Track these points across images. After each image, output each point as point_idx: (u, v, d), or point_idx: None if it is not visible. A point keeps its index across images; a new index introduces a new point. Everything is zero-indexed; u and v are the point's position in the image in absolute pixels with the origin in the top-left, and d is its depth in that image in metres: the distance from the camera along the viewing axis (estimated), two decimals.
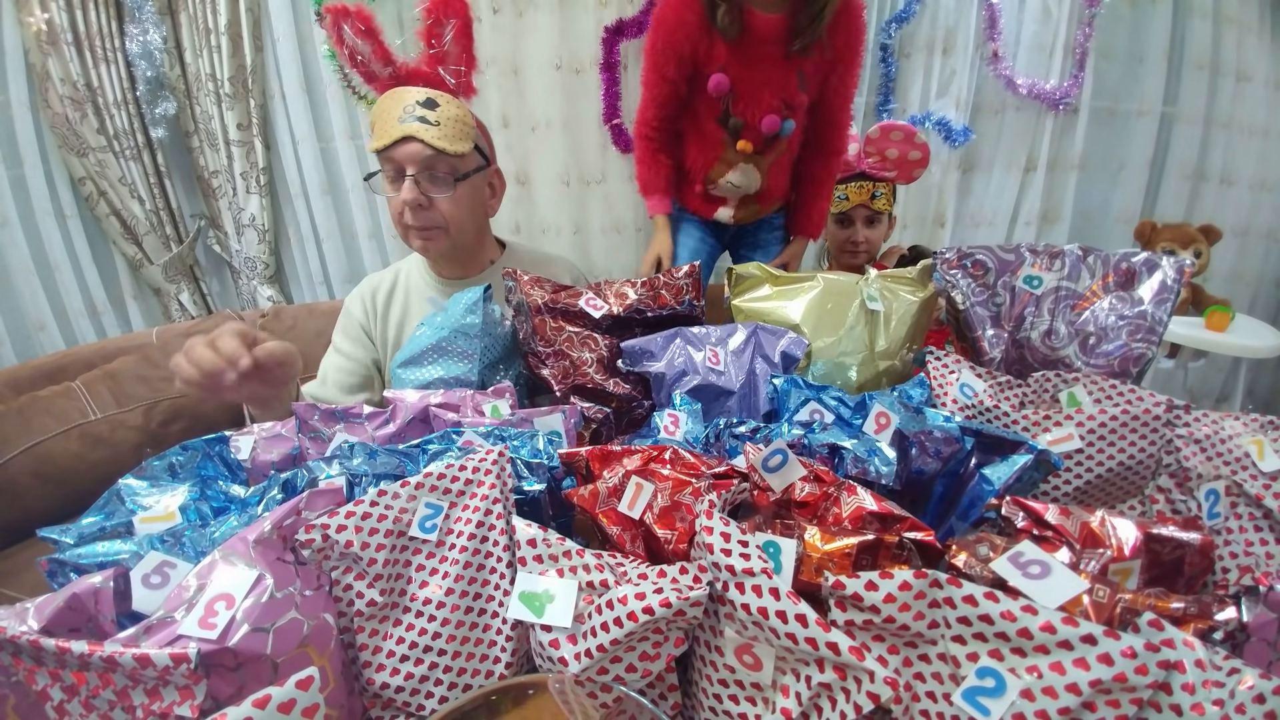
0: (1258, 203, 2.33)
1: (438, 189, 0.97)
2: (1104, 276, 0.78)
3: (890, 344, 0.80)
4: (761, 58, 1.29)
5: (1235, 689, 0.32)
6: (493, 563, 0.50)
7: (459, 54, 0.97)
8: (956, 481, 0.61)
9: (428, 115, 0.92)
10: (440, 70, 0.96)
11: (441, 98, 0.94)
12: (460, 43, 0.95)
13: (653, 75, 1.37)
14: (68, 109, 2.02)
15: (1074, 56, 2.17)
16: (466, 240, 1.04)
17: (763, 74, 1.30)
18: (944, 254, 0.82)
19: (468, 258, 1.10)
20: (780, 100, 1.32)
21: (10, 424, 1.26)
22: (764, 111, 1.32)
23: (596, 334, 0.84)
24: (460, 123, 0.95)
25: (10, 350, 2.08)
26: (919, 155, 1.47)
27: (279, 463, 0.67)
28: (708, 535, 0.41)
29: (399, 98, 0.93)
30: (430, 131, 0.92)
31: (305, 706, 0.31)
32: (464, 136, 0.95)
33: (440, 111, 0.93)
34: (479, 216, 1.06)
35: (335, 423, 0.68)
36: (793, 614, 0.36)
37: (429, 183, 0.96)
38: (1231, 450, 0.57)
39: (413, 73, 0.96)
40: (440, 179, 0.96)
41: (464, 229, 1.01)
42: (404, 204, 0.96)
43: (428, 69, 0.97)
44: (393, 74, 0.96)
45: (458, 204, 0.99)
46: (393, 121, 0.92)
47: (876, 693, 0.35)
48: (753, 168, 1.39)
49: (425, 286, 1.11)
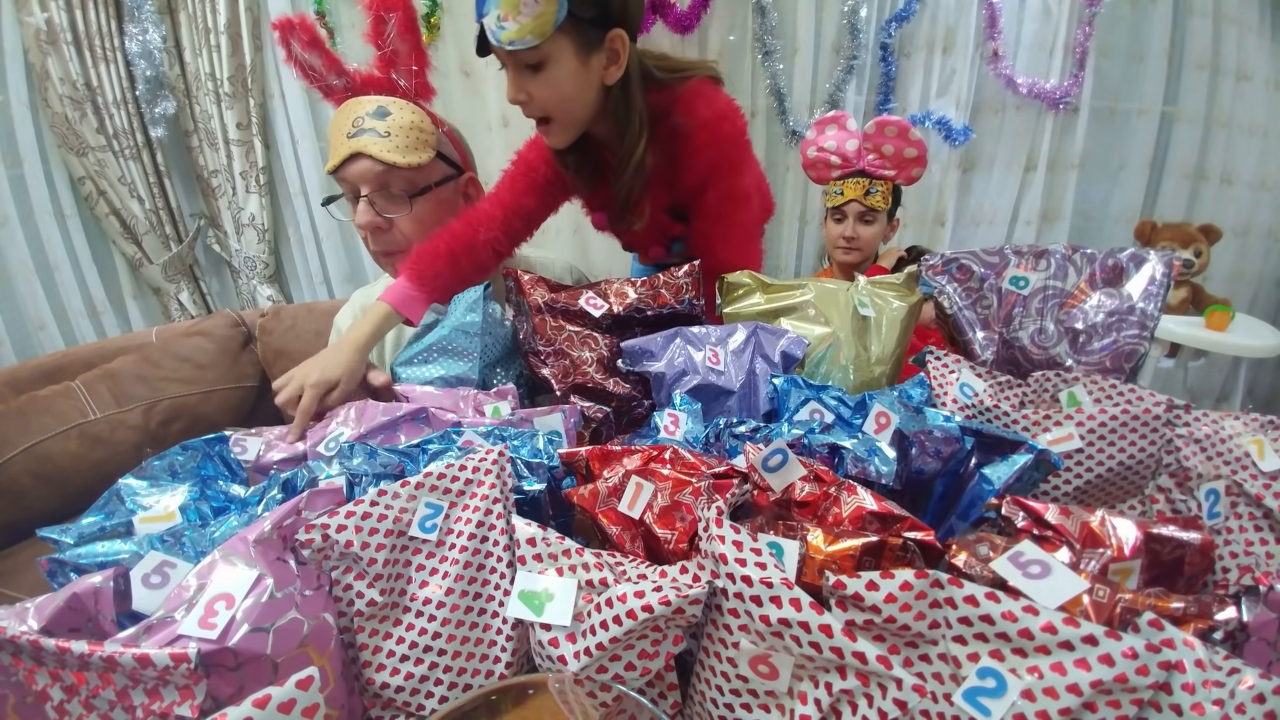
0: (1258, 202, 2.33)
1: (394, 208, 0.90)
2: (1091, 274, 0.79)
3: (883, 350, 0.80)
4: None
5: (1235, 689, 0.32)
6: (493, 563, 0.50)
7: (408, 52, 0.89)
8: (956, 481, 0.61)
9: (377, 126, 0.86)
10: (392, 73, 0.90)
11: (394, 104, 0.88)
12: (406, 39, 0.88)
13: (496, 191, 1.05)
14: (67, 108, 2.02)
15: (1074, 56, 2.17)
16: None
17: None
18: (928, 260, 0.83)
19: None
20: (659, 237, 1.16)
21: (10, 424, 1.26)
22: (647, 246, 1.21)
23: (596, 333, 0.84)
24: (415, 130, 0.88)
25: (10, 350, 2.08)
26: (915, 153, 1.46)
27: (280, 464, 0.67)
28: (720, 544, 0.40)
29: (350, 110, 0.87)
30: (380, 145, 0.85)
31: (305, 706, 0.31)
32: (420, 145, 0.88)
33: (391, 120, 0.87)
34: None
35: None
36: (816, 625, 0.36)
37: (385, 201, 0.89)
38: (1231, 450, 0.57)
39: (367, 80, 0.90)
40: (396, 196, 0.89)
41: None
42: (361, 228, 0.90)
43: (380, 73, 0.90)
44: (347, 84, 0.90)
45: (419, 222, 0.91)
46: (342, 138, 0.86)
47: (904, 700, 0.35)
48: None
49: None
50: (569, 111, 0.94)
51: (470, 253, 0.94)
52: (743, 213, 1.08)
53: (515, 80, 0.90)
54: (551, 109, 0.93)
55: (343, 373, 0.80)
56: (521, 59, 0.87)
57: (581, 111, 0.95)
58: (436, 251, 0.91)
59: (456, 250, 0.93)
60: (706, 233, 1.07)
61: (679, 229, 1.14)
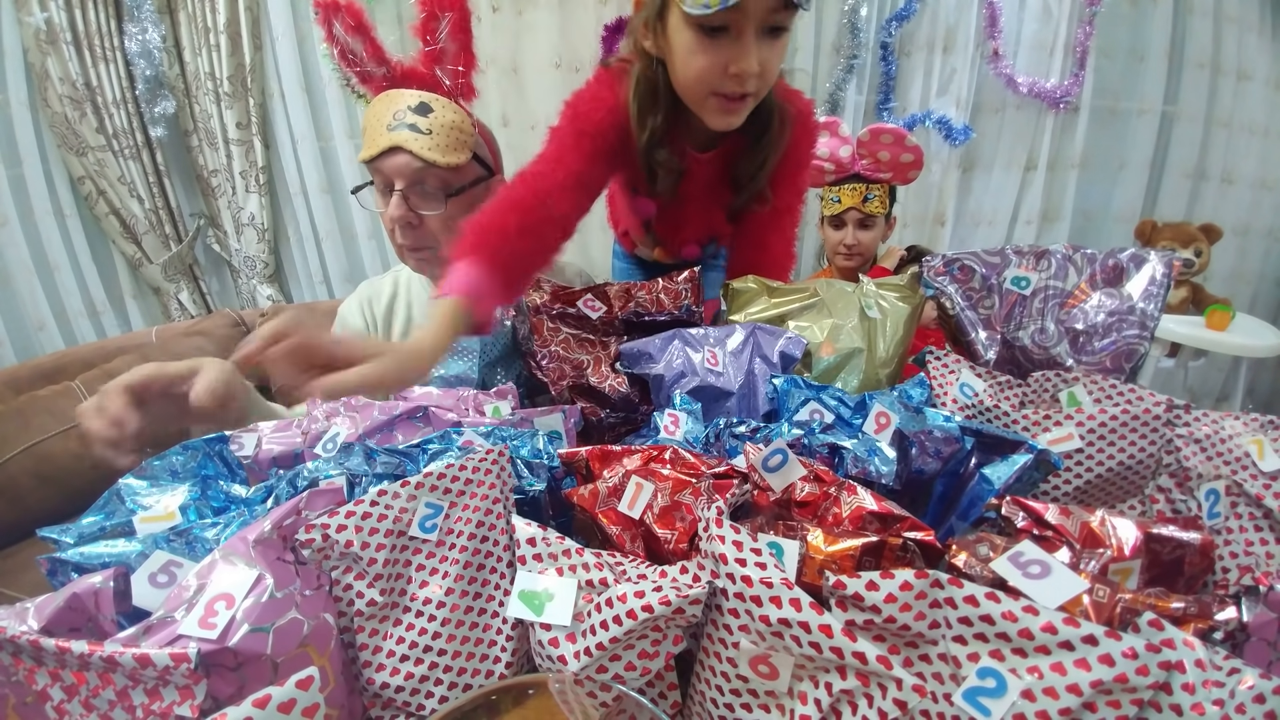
0: (1258, 202, 2.33)
1: (428, 205, 0.89)
2: (1091, 274, 0.79)
3: (889, 351, 0.80)
4: (692, 196, 1.03)
5: (1235, 689, 0.32)
6: (493, 562, 0.50)
7: (457, 52, 0.88)
8: (956, 481, 0.61)
9: (419, 122, 0.86)
10: (437, 70, 0.88)
11: (437, 102, 0.88)
12: (457, 39, 0.87)
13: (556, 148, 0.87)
14: (67, 108, 2.02)
15: (1074, 55, 2.17)
16: None
17: (688, 211, 1.07)
18: (929, 261, 0.83)
19: None
20: (704, 233, 1.13)
21: (10, 424, 1.26)
22: (683, 242, 1.14)
23: (594, 336, 0.84)
24: (456, 130, 0.88)
25: (10, 350, 2.08)
26: (911, 158, 1.46)
27: (280, 458, 0.66)
28: (720, 544, 0.40)
29: (390, 102, 0.87)
30: (420, 141, 0.85)
31: (305, 706, 0.31)
32: (459, 146, 0.88)
33: (433, 118, 0.87)
34: None
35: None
36: (816, 625, 0.36)
37: (419, 198, 0.89)
38: (1231, 450, 0.57)
39: (408, 72, 0.89)
40: (431, 194, 0.89)
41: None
42: (392, 221, 0.90)
43: (424, 69, 0.89)
44: (387, 74, 0.89)
45: (451, 221, 0.89)
46: (381, 129, 0.86)
47: (904, 700, 0.35)
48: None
49: (427, 299, 1.04)
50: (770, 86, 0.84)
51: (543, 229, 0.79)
52: (798, 210, 1.05)
53: (752, 49, 0.76)
54: (767, 84, 0.83)
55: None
56: (780, 20, 0.75)
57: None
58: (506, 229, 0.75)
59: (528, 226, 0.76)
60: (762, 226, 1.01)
61: (728, 230, 1.08)
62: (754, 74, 0.79)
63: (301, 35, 2.25)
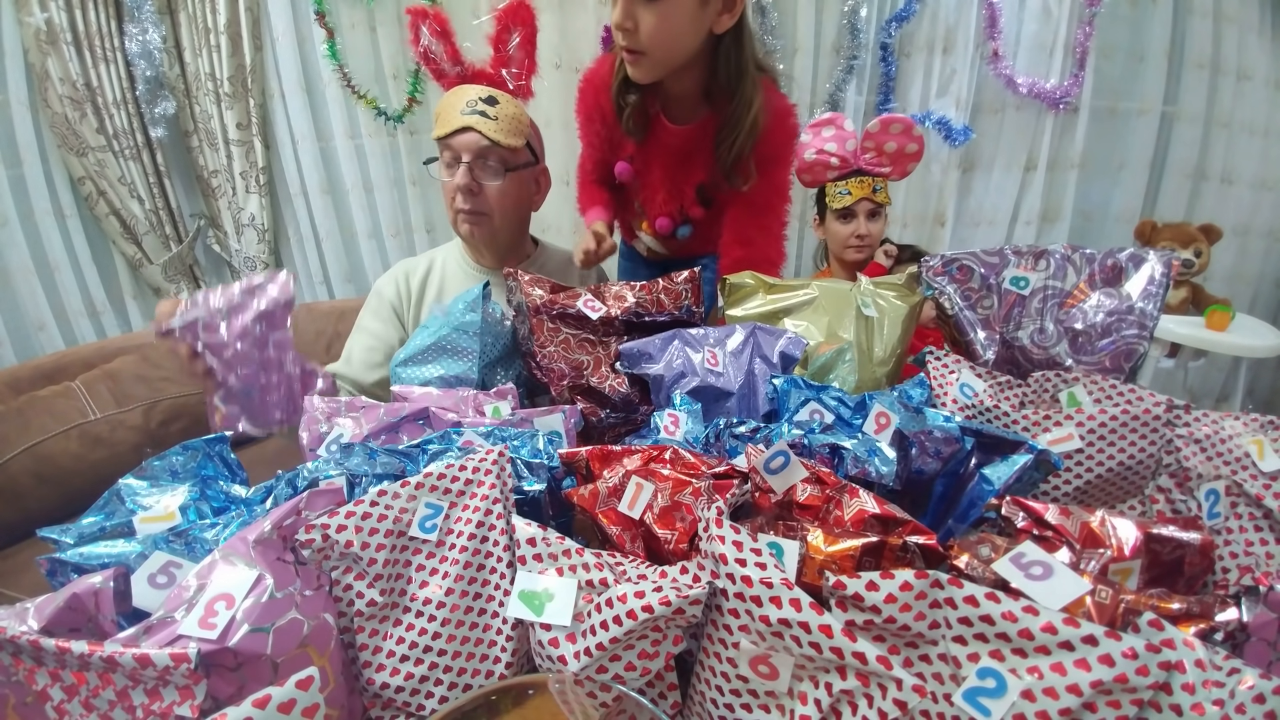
0: (1258, 202, 2.33)
1: (489, 177, 1.04)
2: (1090, 274, 0.79)
3: (886, 350, 0.80)
4: (663, 164, 1.18)
5: (1235, 689, 0.32)
6: (493, 563, 0.50)
7: (522, 59, 1.07)
8: (956, 481, 0.61)
9: (488, 110, 1.00)
10: (503, 73, 1.06)
11: (502, 97, 1.03)
12: (524, 49, 1.06)
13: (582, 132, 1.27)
14: (67, 109, 2.02)
15: (1074, 55, 2.17)
16: (509, 229, 1.10)
17: (660, 179, 1.20)
18: (928, 262, 0.83)
19: (507, 249, 1.15)
20: (675, 207, 1.22)
21: (10, 424, 1.26)
22: (657, 213, 1.25)
23: (594, 336, 0.84)
24: (516, 120, 1.03)
25: (10, 350, 2.08)
26: (915, 148, 1.47)
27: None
28: (720, 545, 0.40)
29: (463, 93, 1.02)
30: (488, 125, 1.00)
31: (305, 706, 0.31)
32: (518, 133, 1.03)
33: (499, 108, 1.01)
34: (523, 209, 1.12)
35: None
36: (816, 625, 0.36)
37: (481, 170, 1.04)
38: (1231, 450, 0.57)
39: (478, 73, 1.06)
40: (491, 168, 1.04)
41: (508, 218, 1.08)
42: (457, 188, 1.04)
43: (492, 71, 1.06)
44: (460, 73, 1.07)
45: (505, 194, 1.06)
46: (455, 113, 1.00)
47: (904, 700, 0.35)
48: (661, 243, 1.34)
49: (462, 274, 1.15)
50: (669, 49, 0.95)
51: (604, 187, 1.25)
52: (781, 209, 1.16)
53: (627, 5, 0.90)
54: (654, 44, 0.93)
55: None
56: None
57: (681, 54, 0.96)
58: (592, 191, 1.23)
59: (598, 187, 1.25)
60: (745, 224, 1.12)
61: (698, 212, 1.20)
62: (626, 29, 0.93)
63: (302, 36, 2.25)
